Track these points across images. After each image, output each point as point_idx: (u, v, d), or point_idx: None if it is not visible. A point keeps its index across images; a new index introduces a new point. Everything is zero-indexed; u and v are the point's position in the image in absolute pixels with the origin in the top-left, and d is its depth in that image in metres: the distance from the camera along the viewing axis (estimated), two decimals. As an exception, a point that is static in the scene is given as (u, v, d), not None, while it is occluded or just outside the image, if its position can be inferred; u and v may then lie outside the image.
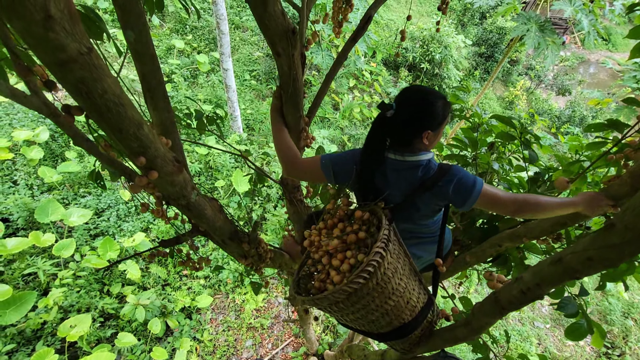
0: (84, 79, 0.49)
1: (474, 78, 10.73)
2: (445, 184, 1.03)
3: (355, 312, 0.95)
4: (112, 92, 0.54)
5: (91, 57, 0.49)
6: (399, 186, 1.10)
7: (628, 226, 0.60)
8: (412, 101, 1.05)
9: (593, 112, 10.32)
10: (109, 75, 0.53)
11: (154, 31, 6.88)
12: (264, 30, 0.88)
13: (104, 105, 0.54)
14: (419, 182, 1.07)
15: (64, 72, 0.48)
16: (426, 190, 1.05)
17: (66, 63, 0.47)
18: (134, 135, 0.62)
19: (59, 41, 0.45)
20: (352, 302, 0.91)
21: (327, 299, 0.90)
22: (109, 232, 4.11)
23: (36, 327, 3.23)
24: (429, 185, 1.04)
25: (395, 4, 11.38)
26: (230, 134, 5.89)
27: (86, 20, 0.96)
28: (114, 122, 0.58)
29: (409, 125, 1.04)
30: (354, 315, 0.97)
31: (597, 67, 14.33)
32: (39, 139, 4.22)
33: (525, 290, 0.81)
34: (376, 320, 0.98)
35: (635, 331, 5.34)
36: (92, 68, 0.49)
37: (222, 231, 1.08)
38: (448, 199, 1.07)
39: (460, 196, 1.03)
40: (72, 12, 0.45)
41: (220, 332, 3.95)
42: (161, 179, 0.74)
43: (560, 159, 1.66)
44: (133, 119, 0.60)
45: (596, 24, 5.75)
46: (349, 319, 1.01)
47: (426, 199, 1.08)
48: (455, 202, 1.06)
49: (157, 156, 0.70)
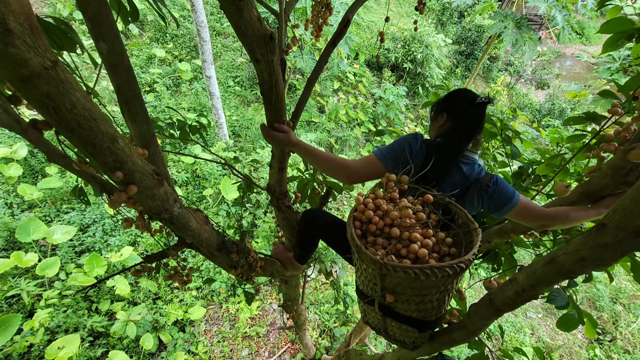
0: (49, 94, 0.47)
1: (456, 76, 10.91)
2: (493, 185, 1.13)
3: (413, 292, 0.86)
4: (82, 106, 0.52)
5: (56, 71, 0.46)
6: (453, 179, 1.15)
7: (620, 226, 0.61)
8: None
9: (571, 105, 10.60)
10: (77, 89, 0.51)
11: (134, 40, 6.78)
12: (241, 37, 0.86)
13: (73, 121, 0.52)
14: (473, 179, 1.14)
15: (27, 87, 0.46)
16: (475, 190, 1.13)
17: (29, 78, 0.44)
18: (109, 149, 0.60)
19: (20, 56, 0.43)
20: (428, 281, 0.80)
21: (413, 271, 0.78)
22: (95, 247, 4.00)
23: (23, 351, 3.11)
24: (481, 185, 1.13)
25: (376, 6, 11.51)
26: (217, 142, 5.82)
27: (58, 32, 0.93)
28: (86, 138, 0.56)
29: (481, 123, 1.16)
30: (406, 295, 0.88)
31: (573, 60, 14.77)
32: (17, 155, 4.09)
33: (520, 291, 0.81)
34: (419, 306, 0.90)
35: (624, 316, 5.47)
36: (57, 82, 0.47)
37: (208, 243, 1.06)
38: (489, 201, 1.15)
39: (502, 199, 1.12)
40: (33, 25, 0.43)
41: (215, 344, 3.88)
42: (141, 193, 0.72)
43: (542, 153, 1.69)
44: (107, 133, 0.58)
45: (570, 19, 5.93)
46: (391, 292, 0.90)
47: (471, 199, 1.15)
48: (495, 206, 1.15)
49: (135, 170, 0.67)
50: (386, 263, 0.80)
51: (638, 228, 0.59)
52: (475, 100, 1.13)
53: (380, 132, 1.96)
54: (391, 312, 0.95)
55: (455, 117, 1.18)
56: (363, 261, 0.87)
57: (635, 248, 0.63)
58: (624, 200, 0.62)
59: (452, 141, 1.14)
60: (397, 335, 1.05)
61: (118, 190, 0.70)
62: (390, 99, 7.84)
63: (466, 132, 1.14)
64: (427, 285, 0.83)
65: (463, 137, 1.14)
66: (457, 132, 1.15)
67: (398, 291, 0.88)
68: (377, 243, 0.92)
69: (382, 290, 0.90)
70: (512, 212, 1.12)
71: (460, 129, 1.15)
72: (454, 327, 1.04)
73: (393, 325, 1.01)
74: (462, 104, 1.17)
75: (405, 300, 0.89)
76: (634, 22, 1.14)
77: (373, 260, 0.82)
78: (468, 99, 1.16)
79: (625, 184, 1.07)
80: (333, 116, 7.56)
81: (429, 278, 0.78)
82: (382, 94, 8.11)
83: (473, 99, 1.14)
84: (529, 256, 5.97)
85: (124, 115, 0.90)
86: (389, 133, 2.09)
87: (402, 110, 8.45)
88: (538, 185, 1.65)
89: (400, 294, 0.88)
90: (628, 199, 0.61)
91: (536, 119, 10.42)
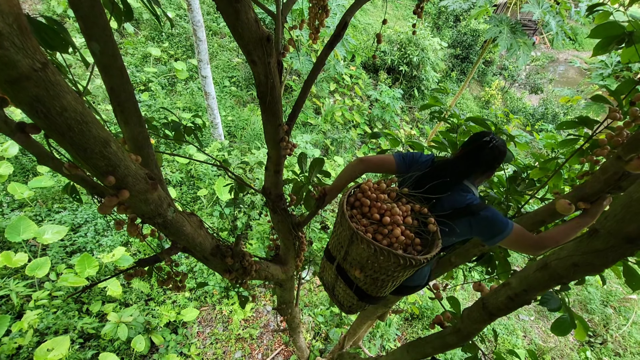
0: (39, 97, 0.46)
1: (451, 79, 10.98)
2: (485, 214, 1.19)
3: (381, 266, 1.03)
4: (73, 109, 0.50)
5: (46, 73, 0.45)
6: (448, 200, 1.25)
7: (611, 232, 0.61)
8: (500, 150, 1.25)
9: (564, 109, 10.72)
10: (68, 91, 0.49)
11: (129, 39, 6.71)
12: (238, 38, 0.85)
13: (64, 124, 0.50)
14: (465, 204, 1.22)
15: (16, 90, 0.44)
16: (467, 215, 1.20)
17: (18, 80, 0.43)
18: (101, 153, 0.58)
19: (8, 58, 0.41)
20: (391, 260, 0.97)
21: (374, 247, 0.97)
22: (87, 248, 3.95)
23: (11, 353, 3.05)
24: (472, 210, 1.20)
25: (372, 8, 11.54)
26: (212, 142, 5.78)
27: (49, 32, 0.91)
28: (77, 141, 0.54)
29: (487, 164, 1.27)
30: (368, 269, 1.07)
31: (566, 65, 14.96)
32: (7, 153, 4.02)
33: (513, 296, 0.81)
34: (374, 281, 1.11)
35: (615, 319, 5.53)
36: (48, 85, 0.46)
37: (202, 247, 1.04)
38: (479, 229, 1.21)
39: (493, 229, 1.18)
40: (22, 26, 0.42)
41: (208, 346, 3.85)
42: (134, 197, 0.70)
43: (537, 157, 1.70)
44: (98, 137, 0.57)
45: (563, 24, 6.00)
46: (352, 263, 1.11)
47: (458, 225, 1.21)
48: (486, 234, 1.21)
49: (128, 174, 0.66)
50: (358, 232, 0.99)
51: (629, 234, 0.60)
52: (478, 140, 1.27)
53: (376, 135, 1.95)
54: (344, 275, 1.17)
55: (461, 150, 1.35)
56: (342, 225, 1.08)
57: (627, 254, 0.63)
58: (616, 206, 0.62)
59: (448, 169, 1.29)
60: (340, 297, 1.26)
61: (109, 195, 0.68)
62: (386, 101, 7.86)
63: (464, 165, 1.29)
64: (380, 265, 1.01)
65: (459, 168, 1.28)
66: (456, 163, 1.30)
67: (356, 259, 1.07)
68: (361, 223, 1.09)
69: (344, 255, 1.11)
70: (504, 241, 1.19)
71: (460, 160, 1.30)
72: (447, 331, 1.04)
73: (340, 287, 1.22)
74: (468, 143, 1.33)
75: (358, 267, 1.08)
76: (623, 27, 1.16)
77: (350, 227, 1.01)
78: (473, 139, 1.31)
79: (619, 189, 1.07)
80: (329, 118, 7.56)
81: (384, 258, 0.96)
82: (378, 96, 8.13)
83: (477, 139, 1.28)
84: (522, 259, 6.02)
85: (116, 117, 0.88)
86: (384, 135, 2.09)
87: (397, 113, 8.48)
88: (533, 189, 1.66)
89: (357, 262, 1.07)
90: (619, 206, 0.61)
91: (530, 123, 10.53)
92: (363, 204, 1.13)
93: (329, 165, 6.44)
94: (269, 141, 1.24)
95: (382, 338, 4.37)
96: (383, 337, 4.39)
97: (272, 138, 1.20)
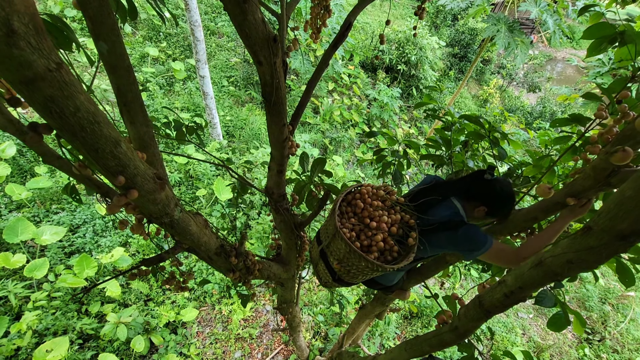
0: (53, 97, 0.45)
1: (449, 78, 11.00)
2: (465, 230, 1.24)
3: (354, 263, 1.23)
4: (86, 109, 0.50)
5: (61, 74, 0.45)
6: (432, 215, 1.33)
7: (604, 229, 0.62)
8: (505, 192, 1.29)
9: (562, 107, 10.78)
10: (81, 91, 0.49)
11: (126, 39, 6.68)
12: (245, 39, 0.85)
13: (77, 124, 0.50)
14: (447, 219, 1.29)
15: (31, 90, 0.44)
16: (446, 230, 1.27)
17: (33, 81, 0.43)
18: (111, 153, 0.58)
19: (24, 58, 0.41)
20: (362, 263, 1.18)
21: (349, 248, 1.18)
22: (86, 248, 3.93)
23: (9, 354, 3.03)
24: (452, 225, 1.26)
25: (370, 8, 11.55)
26: (210, 142, 5.77)
27: (54, 30, 0.91)
28: (89, 142, 0.54)
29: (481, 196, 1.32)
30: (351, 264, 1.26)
31: (564, 64, 15.03)
32: (5, 154, 3.99)
33: (509, 293, 0.82)
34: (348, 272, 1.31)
35: (613, 316, 5.58)
36: (62, 85, 0.45)
37: (207, 247, 1.04)
38: (457, 244, 1.27)
39: (471, 245, 1.23)
40: (38, 26, 0.42)
41: (208, 345, 3.84)
42: (142, 197, 0.70)
43: (531, 154, 1.71)
44: (109, 137, 0.57)
45: (560, 23, 6.03)
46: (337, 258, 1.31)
47: (439, 238, 1.29)
48: (464, 249, 1.26)
49: (137, 174, 0.66)
50: (339, 231, 1.19)
51: (622, 231, 0.60)
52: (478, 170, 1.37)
53: (372, 134, 1.98)
54: (326, 258, 1.36)
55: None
56: (331, 219, 1.29)
57: (620, 251, 0.64)
58: (609, 204, 0.63)
59: (442, 186, 1.43)
60: (320, 273, 1.47)
61: (118, 194, 0.68)
62: (384, 100, 7.87)
63: (455, 185, 1.41)
64: (353, 262, 1.21)
65: (449, 186, 1.41)
66: (449, 182, 1.44)
67: (335, 252, 1.28)
68: (350, 221, 1.29)
69: (328, 244, 1.31)
70: (484, 256, 1.23)
71: (455, 181, 1.43)
72: (444, 329, 1.05)
73: (321, 266, 1.41)
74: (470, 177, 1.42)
75: (336, 258, 1.28)
76: (615, 27, 1.16)
77: (334, 225, 1.22)
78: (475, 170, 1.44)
79: (608, 185, 1.08)
80: (327, 117, 7.56)
81: (356, 258, 1.18)
82: (376, 95, 8.14)
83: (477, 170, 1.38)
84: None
85: (122, 116, 0.88)
86: (381, 134, 2.11)
87: (396, 112, 8.49)
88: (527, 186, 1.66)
89: (336, 255, 1.27)
90: (612, 203, 0.62)
91: (528, 121, 10.57)
92: (357, 206, 1.31)
93: (328, 165, 6.45)
94: (273, 141, 1.24)
95: (381, 336, 4.39)
96: (382, 335, 4.40)
97: (276, 138, 1.20)
